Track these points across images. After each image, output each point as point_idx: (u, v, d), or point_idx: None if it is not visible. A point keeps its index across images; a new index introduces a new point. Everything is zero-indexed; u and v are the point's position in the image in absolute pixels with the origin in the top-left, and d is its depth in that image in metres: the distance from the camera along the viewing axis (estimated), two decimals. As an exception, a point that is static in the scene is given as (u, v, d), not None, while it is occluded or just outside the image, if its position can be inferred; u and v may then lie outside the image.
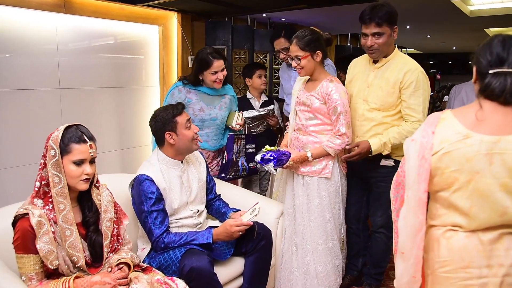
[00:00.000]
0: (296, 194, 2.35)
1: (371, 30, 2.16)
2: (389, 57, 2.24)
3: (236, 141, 2.72)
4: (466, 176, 1.16)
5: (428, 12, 5.26)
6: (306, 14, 5.50)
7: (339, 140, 2.21)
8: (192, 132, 2.07)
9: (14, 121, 3.17)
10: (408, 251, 1.25)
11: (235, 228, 1.93)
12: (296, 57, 2.23)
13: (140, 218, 2.01)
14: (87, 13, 3.56)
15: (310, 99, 2.28)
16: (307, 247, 2.31)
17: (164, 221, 1.98)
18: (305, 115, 2.31)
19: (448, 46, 9.49)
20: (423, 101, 2.18)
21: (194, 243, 1.93)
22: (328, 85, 2.23)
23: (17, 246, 1.44)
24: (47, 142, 1.50)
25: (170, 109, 2.07)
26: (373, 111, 2.27)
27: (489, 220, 1.16)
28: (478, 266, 1.16)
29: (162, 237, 1.95)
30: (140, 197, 1.97)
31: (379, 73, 2.25)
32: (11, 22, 3.15)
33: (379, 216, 2.41)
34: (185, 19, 4.46)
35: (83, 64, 3.66)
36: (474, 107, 1.19)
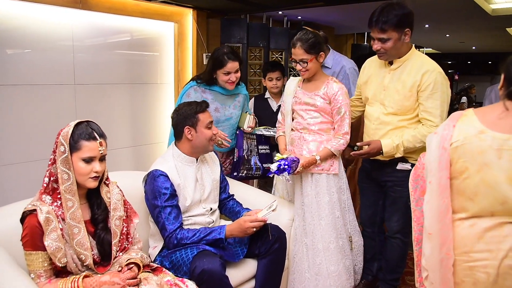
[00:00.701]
0: (305, 193, 2.31)
1: (376, 35, 2.08)
2: (404, 58, 2.13)
3: (246, 139, 2.67)
4: (476, 167, 1.31)
5: (448, 11, 5.15)
6: (323, 12, 5.43)
7: (343, 140, 2.26)
8: (211, 133, 2.07)
9: (29, 116, 3.18)
10: (437, 232, 1.39)
11: (249, 223, 1.91)
12: (301, 61, 2.22)
13: (153, 213, 1.98)
14: (103, 9, 3.55)
15: (314, 99, 2.28)
16: (318, 247, 2.27)
17: (178, 217, 1.97)
18: (310, 114, 2.30)
19: (467, 45, 9.30)
20: (441, 104, 2.07)
21: (207, 238, 1.91)
22: (333, 85, 2.26)
23: (26, 243, 1.41)
24: (58, 137, 1.47)
25: (194, 105, 2.07)
26: (389, 115, 2.19)
27: (490, 206, 1.31)
28: (479, 251, 1.32)
29: (176, 232, 1.92)
30: (153, 192, 1.95)
31: (395, 75, 2.16)
32: (28, 18, 3.15)
33: (395, 221, 2.33)
34: (201, 16, 4.43)
35: (98, 60, 3.66)
36: (495, 108, 1.33)
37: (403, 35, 2.06)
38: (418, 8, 5.03)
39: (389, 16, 2.01)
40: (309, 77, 2.30)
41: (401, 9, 2.03)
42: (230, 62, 2.45)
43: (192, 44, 4.39)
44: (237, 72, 2.50)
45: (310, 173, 2.29)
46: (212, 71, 2.51)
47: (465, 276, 1.36)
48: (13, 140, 3.12)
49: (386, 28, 2.03)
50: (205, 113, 2.07)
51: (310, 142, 2.30)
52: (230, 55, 2.47)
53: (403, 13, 2.03)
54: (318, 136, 2.30)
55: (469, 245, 1.35)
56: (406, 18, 2.04)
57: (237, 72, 2.50)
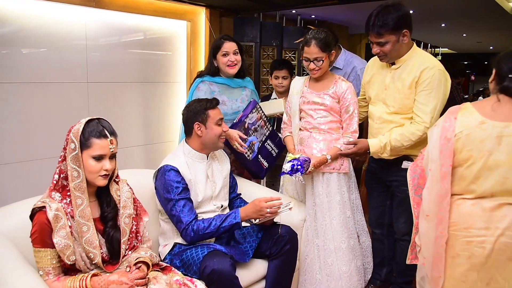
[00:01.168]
0: (316, 193, 2.28)
1: (373, 39, 2.05)
2: (405, 57, 2.09)
3: (258, 116, 2.51)
4: (478, 154, 1.47)
5: (465, 9, 5.05)
6: (337, 11, 5.38)
7: (351, 139, 2.26)
8: (221, 130, 2.06)
9: (43, 113, 3.20)
10: (434, 214, 1.57)
11: (264, 203, 1.90)
12: (316, 59, 2.20)
13: (166, 208, 1.97)
14: (116, 8, 3.56)
15: (323, 98, 2.26)
16: (330, 248, 2.25)
17: (192, 210, 1.96)
18: (320, 113, 2.28)
19: (484, 45, 9.14)
20: (433, 101, 2.02)
21: (224, 225, 1.91)
22: (341, 84, 2.26)
23: (35, 240, 1.40)
24: (68, 134, 1.46)
25: (204, 102, 2.08)
26: (392, 114, 2.16)
27: (491, 188, 1.47)
28: (478, 228, 1.48)
29: (192, 224, 1.91)
30: (166, 186, 1.94)
31: (396, 74, 2.12)
32: (42, 17, 3.17)
33: (402, 223, 2.27)
34: (213, 15, 4.42)
35: (111, 59, 3.67)
36: (489, 100, 1.50)
37: (401, 37, 2.02)
38: (434, 7, 4.96)
39: (385, 20, 1.98)
40: (320, 76, 2.27)
41: (397, 11, 1.99)
42: (227, 42, 2.47)
43: (205, 42, 4.37)
44: (236, 54, 2.49)
45: (321, 172, 2.26)
46: (212, 58, 2.53)
47: (462, 250, 1.52)
48: (28, 137, 3.14)
49: (382, 32, 2.00)
50: (215, 110, 2.06)
51: (321, 141, 2.27)
52: (226, 36, 2.54)
53: (399, 15, 1.99)
54: (328, 135, 2.28)
55: (469, 222, 1.50)
56: (402, 20, 2.00)
57: (237, 54, 2.50)
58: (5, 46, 3.01)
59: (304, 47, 2.23)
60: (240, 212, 1.94)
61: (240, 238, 2.08)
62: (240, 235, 2.09)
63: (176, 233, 2.02)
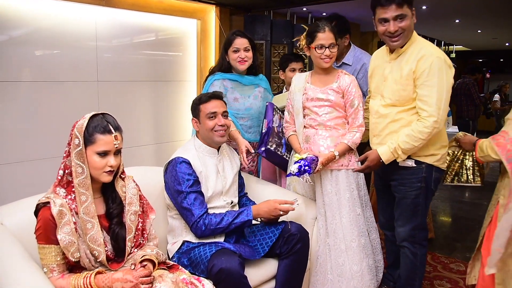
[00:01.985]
0: (325, 191, 2.23)
1: (392, 14, 1.89)
2: (405, 46, 1.98)
3: (279, 116, 2.51)
4: None
5: (480, 5, 4.94)
6: (348, 8, 5.31)
7: (358, 133, 2.21)
8: (214, 123, 2.02)
9: (53, 112, 3.21)
10: None
11: (278, 205, 1.91)
12: (331, 45, 2.15)
13: (176, 200, 1.94)
14: (126, 6, 3.56)
15: (328, 94, 2.21)
16: (341, 247, 2.19)
17: (203, 203, 1.94)
18: (325, 110, 2.23)
19: (500, 42, 8.95)
20: (438, 92, 1.88)
21: (235, 222, 1.91)
22: (345, 78, 2.22)
23: (39, 236, 1.38)
24: (72, 130, 1.44)
25: (201, 96, 2.09)
26: (388, 107, 2.06)
27: None
28: None
29: (203, 217, 1.89)
30: (177, 178, 1.93)
31: (395, 65, 2.02)
32: (53, 17, 3.18)
33: (400, 226, 2.16)
34: (224, 13, 4.40)
35: (121, 57, 3.66)
36: None
37: (412, 15, 1.93)
38: (448, 2, 4.86)
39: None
40: (330, 65, 2.21)
41: None
42: (238, 38, 2.47)
43: (215, 41, 4.35)
44: (247, 51, 2.48)
45: (330, 170, 2.22)
46: (224, 53, 2.53)
47: None
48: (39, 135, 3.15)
49: (402, 2, 1.87)
50: (208, 103, 2.04)
51: (328, 138, 2.23)
52: (238, 32, 2.52)
53: None
54: (334, 131, 2.23)
55: None
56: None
57: (248, 51, 2.49)
58: (18, 46, 3.02)
59: (317, 34, 2.15)
60: (252, 210, 1.94)
61: (250, 236, 2.04)
62: (250, 233, 2.05)
63: (185, 231, 1.99)
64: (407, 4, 1.90)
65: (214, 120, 2.02)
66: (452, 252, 3.23)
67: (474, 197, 4.84)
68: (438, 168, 2.08)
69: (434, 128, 1.91)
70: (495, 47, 10.48)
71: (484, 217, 2.17)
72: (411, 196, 2.08)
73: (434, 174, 2.07)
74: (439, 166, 2.08)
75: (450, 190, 5.10)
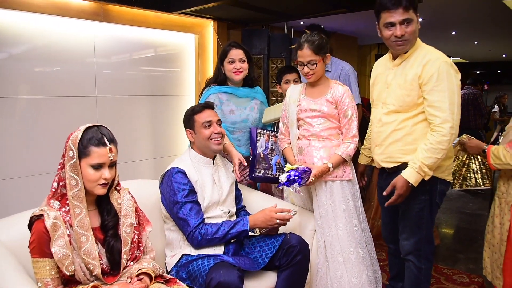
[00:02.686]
0: (320, 203, 2.20)
1: (399, 18, 1.84)
2: (409, 52, 1.93)
3: (270, 137, 2.52)
4: None
5: (476, 16, 4.98)
6: (346, 21, 5.36)
7: (352, 144, 2.19)
8: (210, 132, 2.04)
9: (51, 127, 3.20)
10: None
11: (274, 214, 1.91)
12: (309, 63, 2.14)
13: (172, 211, 1.93)
14: (124, 21, 3.59)
15: (320, 105, 2.20)
16: (339, 260, 2.15)
17: (199, 213, 1.94)
18: (318, 120, 2.22)
19: (497, 53, 9.01)
20: (450, 96, 1.80)
21: (231, 232, 1.90)
22: (338, 88, 2.21)
23: (33, 250, 1.36)
24: (67, 141, 1.43)
25: (193, 107, 2.13)
26: (391, 114, 1.99)
27: None
28: None
29: (199, 228, 1.88)
30: (172, 189, 1.93)
31: (398, 71, 1.97)
32: (52, 33, 3.20)
33: (405, 239, 2.09)
34: (221, 27, 4.43)
35: (120, 73, 3.68)
36: None
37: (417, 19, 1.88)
38: (444, 14, 4.90)
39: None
40: (315, 80, 2.21)
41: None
42: (233, 49, 2.49)
43: (213, 55, 4.37)
44: (243, 62, 2.49)
45: (324, 181, 2.19)
46: (220, 65, 2.54)
47: None
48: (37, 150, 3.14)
49: (409, 6, 1.83)
50: (202, 113, 2.07)
51: (321, 149, 2.20)
52: (233, 43, 2.54)
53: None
54: (328, 142, 2.21)
55: None
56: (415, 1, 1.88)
57: (243, 62, 2.50)
58: (17, 63, 3.04)
59: (297, 51, 2.17)
60: (248, 220, 1.92)
61: (250, 248, 2.01)
62: (250, 244, 2.03)
63: (183, 243, 1.97)
64: (413, 8, 1.85)
65: (210, 129, 2.04)
66: (455, 263, 3.18)
67: (476, 208, 4.80)
68: (443, 180, 2.01)
69: (452, 134, 1.82)
70: (492, 59, 10.54)
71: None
72: (415, 209, 2.02)
73: (439, 186, 2.00)
74: (445, 178, 2.01)
75: (452, 201, 5.06)
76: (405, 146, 1.97)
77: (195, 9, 3.68)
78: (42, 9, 3.05)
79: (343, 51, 6.47)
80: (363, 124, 2.99)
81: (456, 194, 5.44)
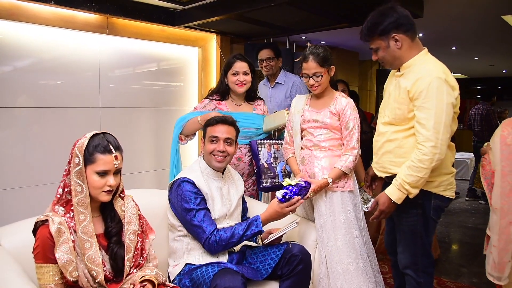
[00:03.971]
0: (320, 212, 2.21)
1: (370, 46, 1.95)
2: (409, 62, 1.90)
3: (271, 146, 2.55)
4: None
5: (476, 32, 5.05)
6: (347, 36, 5.42)
7: (351, 156, 2.19)
8: (213, 147, 2.03)
9: (55, 137, 3.22)
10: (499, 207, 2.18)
11: (285, 207, 1.95)
12: (315, 75, 2.17)
13: (186, 219, 1.92)
14: (129, 34, 3.64)
15: (323, 116, 2.23)
16: (338, 270, 2.13)
17: (212, 220, 1.94)
18: (320, 131, 2.24)
19: (497, 69, 9.08)
20: (436, 115, 1.75)
21: (247, 234, 1.91)
22: (341, 100, 2.23)
23: (37, 255, 1.36)
24: (73, 148, 1.44)
25: (211, 119, 2.11)
26: (386, 125, 2.00)
27: None
28: None
29: (213, 234, 1.88)
30: (184, 197, 1.92)
31: (398, 82, 1.94)
32: (58, 46, 3.25)
33: (401, 253, 2.06)
34: (224, 41, 4.49)
35: (124, 85, 3.72)
36: None
37: (394, 42, 1.87)
38: (444, 29, 4.96)
39: (369, 26, 1.89)
40: (320, 92, 2.24)
41: (382, 16, 1.86)
42: (238, 61, 2.51)
43: (216, 68, 4.43)
44: (246, 74, 2.52)
45: (324, 190, 2.20)
46: (223, 76, 2.58)
47: None
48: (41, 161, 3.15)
49: (369, 36, 1.91)
50: (214, 127, 2.06)
51: (322, 159, 2.22)
52: (239, 55, 2.57)
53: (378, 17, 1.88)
54: (330, 152, 2.22)
55: None
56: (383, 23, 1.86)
57: (247, 74, 2.52)
58: (23, 74, 3.08)
59: (302, 63, 2.21)
60: (261, 220, 1.94)
61: (252, 257, 2.01)
62: (252, 254, 2.02)
63: (186, 253, 1.97)
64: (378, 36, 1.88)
65: (214, 145, 2.03)
66: (458, 277, 3.16)
67: (479, 222, 4.78)
68: (438, 195, 1.95)
69: (434, 154, 1.77)
70: (493, 74, 10.61)
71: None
72: (407, 223, 2.00)
73: (434, 201, 1.94)
74: (440, 193, 1.94)
75: (454, 215, 5.05)
76: (396, 158, 1.95)
77: (198, 23, 3.75)
78: (49, 22, 3.11)
79: (344, 66, 6.53)
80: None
81: (458, 208, 5.42)
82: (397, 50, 1.89)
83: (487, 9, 3.93)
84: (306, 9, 3.47)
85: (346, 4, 3.43)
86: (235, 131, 2.10)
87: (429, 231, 2.00)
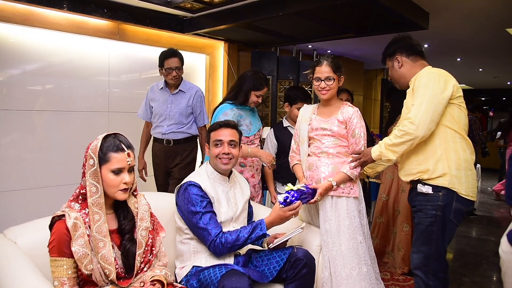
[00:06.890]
0: (326, 217, 2.26)
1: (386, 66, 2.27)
2: (414, 77, 2.08)
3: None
4: None
5: (480, 43, 5.08)
6: (353, 46, 5.48)
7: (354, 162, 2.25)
8: (218, 151, 2.09)
9: (65, 140, 3.28)
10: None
11: (288, 212, 2.00)
12: (327, 78, 2.26)
13: (192, 222, 1.96)
14: (139, 41, 3.72)
15: (331, 124, 2.30)
16: (342, 275, 2.17)
17: (217, 222, 1.99)
18: (327, 139, 2.31)
19: (501, 81, 9.10)
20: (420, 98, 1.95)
21: (251, 237, 1.96)
22: (348, 109, 2.32)
23: (52, 249, 1.41)
24: (87, 151, 1.50)
25: (213, 124, 2.18)
26: None
27: None
28: None
29: (219, 236, 1.93)
30: (190, 200, 1.97)
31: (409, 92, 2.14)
32: (71, 50, 3.33)
33: (414, 252, 2.11)
34: (232, 49, 4.56)
35: (132, 89, 3.78)
36: None
37: (395, 62, 2.18)
38: (449, 41, 5.01)
39: (384, 49, 2.24)
40: (329, 98, 2.31)
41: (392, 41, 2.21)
42: (266, 88, 2.78)
43: (223, 75, 4.49)
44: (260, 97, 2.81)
45: (330, 196, 2.25)
46: (250, 90, 2.73)
47: None
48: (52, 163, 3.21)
49: (383, 59, 2.25)
50: (217, 131, 2.12)
51: (330, 165, 2.28)
52: (267, 81, 2.84)
53: (390, 43, 2.22)
54: (337, 159, 2.29)
55: None
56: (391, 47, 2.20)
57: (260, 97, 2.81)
58: (36, 77, 3.15)
59: (315, 68, 2.30)
60: (265, 224, 1.98)
61: (258, 261, 2.05)
62: (257, 258, 2.06)
63: (193, 255, 2.01)
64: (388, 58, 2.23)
65: (219, 148, 2.09)
66: (459, 286, 3.18)
67: (481, 232, 4.80)
68: (461, 198, 1.99)
69: (409, 128, 1.94)
70: (497, 86, 10.63)
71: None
72: (425, 223, 2.04)
73: (455, 204, 1.99)
74: (462, 195, 1.99)
75: (456, 225, 5.05)
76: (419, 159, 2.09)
77: (207, 30, 3.82)
78: (62, 27, 3.19)
79: (349, 75, 6.58)
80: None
81: (461, 218, 5.42)
82: (399, 69, 2.17)
83: (491, 22, 3.98)
84: (313, 19, 3.53)
85: (352, 15, 3.48)
86: (238, 133, 2.16)
87: (445, 234, 2.03)
